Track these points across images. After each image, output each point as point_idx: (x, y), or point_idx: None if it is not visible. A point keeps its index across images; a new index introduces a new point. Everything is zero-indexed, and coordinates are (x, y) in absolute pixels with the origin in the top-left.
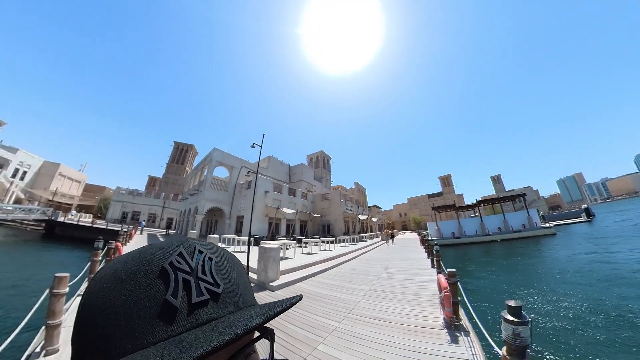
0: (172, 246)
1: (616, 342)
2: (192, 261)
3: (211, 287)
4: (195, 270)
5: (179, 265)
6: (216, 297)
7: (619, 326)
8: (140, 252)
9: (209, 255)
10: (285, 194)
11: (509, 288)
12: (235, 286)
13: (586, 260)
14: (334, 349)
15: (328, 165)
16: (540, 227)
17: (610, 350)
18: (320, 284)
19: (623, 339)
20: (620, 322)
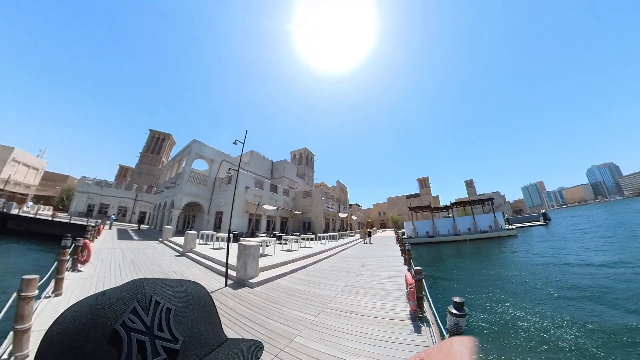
0: (125, 300)
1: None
2: (147, 317)
3: (169, 344)
4: (151, 328)
5: (133, 325)
6: (174, 355)
7: (554, 317)
8: (91, 307)
9: (167, 306)
10: (266, 190)
11: (472, 283)
12: (197, 333)
13: (537, 261)
14: (310, 341)
15: (311, 163)
16: (504, 228)
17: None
18: (298, 280)
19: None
20: (556, 315)
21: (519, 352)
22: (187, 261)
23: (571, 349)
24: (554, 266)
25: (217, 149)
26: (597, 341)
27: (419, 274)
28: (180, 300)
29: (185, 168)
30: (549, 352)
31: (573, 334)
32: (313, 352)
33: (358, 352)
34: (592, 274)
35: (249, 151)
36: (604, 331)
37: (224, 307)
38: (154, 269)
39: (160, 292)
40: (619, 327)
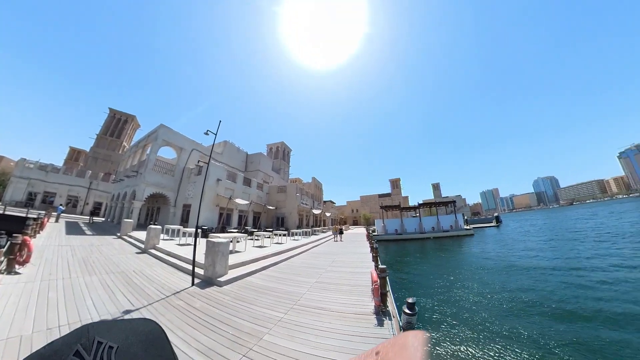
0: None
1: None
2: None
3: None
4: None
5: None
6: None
7: (499, 304)
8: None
9: (110, 344)
10: (239, 184)
11: (432, 277)
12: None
13: (488, 256)
14: (279, 338)
15: (288, 157)
16: (463, 228)
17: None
18: (269, 277)
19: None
20: (501, 302)
21: (464, 335)
22: (150, 259)
23: (506, 332)
24: (500, 261)
25: (187, 136)
26: (530, 325)
27: (383, 272)
28: (125, 339)
29: (150, 155)
30: (486, 330)
31: (510, 320)
32: (282, 349)
33: (325, 346)
34: (528, 268)
35: (222, 141)
36: (536, 315)
37: (190, 308)
38: (111, 268)
39: (104, 333)
40: (548, 314)
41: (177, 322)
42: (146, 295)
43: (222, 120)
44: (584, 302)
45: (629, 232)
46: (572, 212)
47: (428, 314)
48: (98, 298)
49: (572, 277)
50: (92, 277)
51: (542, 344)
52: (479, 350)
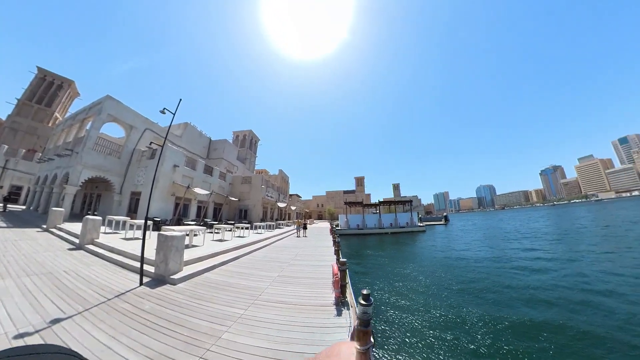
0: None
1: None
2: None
3: None
4: None
5: None
6: None
7: (439, 294)
8: None
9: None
10: (199, 171)
11: (387, 268)
12: None
13: (436, 247)
14: (239, 335)
15: (255, 147)
16: (417, 225)
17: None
18: (229, 272)
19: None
20: (441, 291)
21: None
22: (86, 256)
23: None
24: (443, 252)
25: (140, 113)
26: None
27: (343, 265)
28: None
29: (90, 131)
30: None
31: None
32: (242, 346)
33: (286, 340)
34: (466, 261)
35: (182, 123)
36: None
37: (138, 310)
38: (33, 269)
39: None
40: (476, 294)
41: (121, 327)
42: (82, 300)
43: (183, 100)
44: (501, 284)
45: (541, 232)
46: (503, 214)
47: (384, 298)
48: (15, 307)
49: (497, 266)
50: (5, 280)
51: (468, 318)
52: (422, 327)
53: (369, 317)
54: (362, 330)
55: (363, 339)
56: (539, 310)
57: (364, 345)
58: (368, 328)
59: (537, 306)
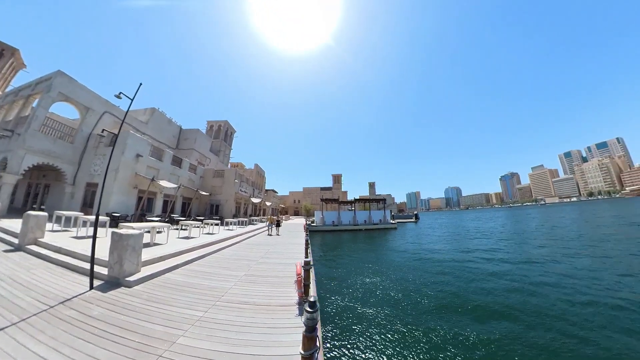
0: None
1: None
2: None
3: None
4: None
5: None
6: None
7: (403, 285)
8: None
9: None
10: (167, 163)
11: (362, 262)
12: None
13: (408, 241)
14: (195, 339)
15: (230, 139)
16: (389, 222)
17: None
18: (193, 272)
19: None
20: (405, 285)
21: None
22: (27, 259)
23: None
24: (412, 246)
25: (99, 94)
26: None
27: (308, 265)
28: None
29: (37, 110)
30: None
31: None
32: (197, 351)
33: (245, 342)
34: (433, 255)
35: (149, 108)
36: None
37: (85, 318)
38: None
39: None
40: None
41: (64, 337)
42: (17, 309)
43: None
44: (458, 275)
45: (497, 231)
46: (467, 214)
47: (352, 289)
48: None
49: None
50: None
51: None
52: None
53: (314, 323)
54: (307, 336)
55: (307, 344)
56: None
57: (308, 350)
58: (313, 334)
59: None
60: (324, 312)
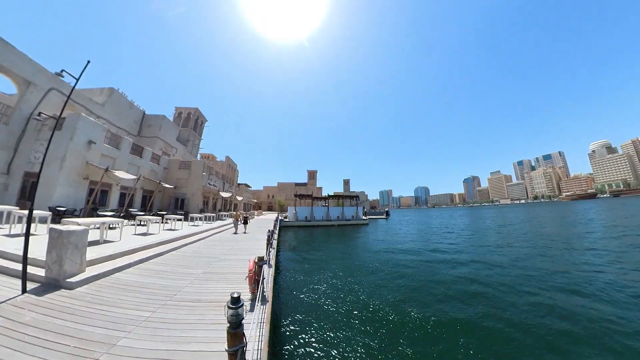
0: None
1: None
2: None
3: None
4: None
5: None
6: None
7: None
8: None
9: None
10: (125, 151)
11: (333, 256)
12: None
13: (378, 238)
14: (138, 340)
15: (201, 128)
16: (361, 218)
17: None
18: (147, 271)
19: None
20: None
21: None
22: None
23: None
24: (382, 242)
25: (43, 66)
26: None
27: (260, 261)
28: None
29: None
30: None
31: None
32: (138, 351)
33: (189, 339)
34: (400, 251)
35: (106, 88)
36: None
37: (13, 324)
38: None
39: None
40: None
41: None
42: None
43: (89, 62)
44: (422, 269)
45: (458, 227)
46: (433, 212)
47: (324, 281)
48: None
49: (424, 254)
50: None
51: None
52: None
53: (238, 319)
54: (231, 333)
55: (232, 341)
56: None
57: (232, 347)
58: (238, 330)
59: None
60: (289, 307)
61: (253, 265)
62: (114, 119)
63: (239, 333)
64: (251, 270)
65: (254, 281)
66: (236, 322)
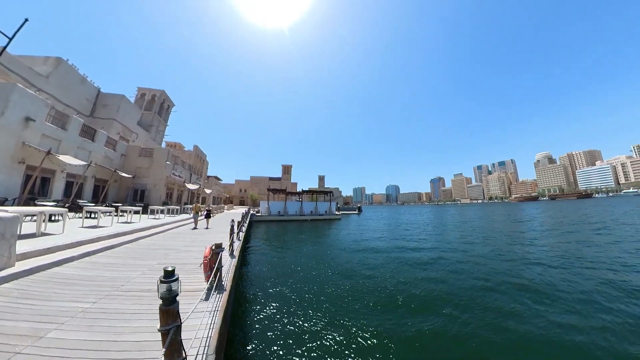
0: None
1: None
2: None
3: None
4: None
5: None
6: None
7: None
8: None
9: None
10: (73, 132)
11: (304, 250)
12: None
13: (350, 232)
14: (71, 332)
15: (167, 113)
16: (334, 213)
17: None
18: (93, 264)
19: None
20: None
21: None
22: None
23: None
24: (352, 235)
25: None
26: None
27: (218, 248)
28: None
29: None
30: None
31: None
32: (69, 342)
33: (132, 329)
34: (368, 238)
35: (53, 57)
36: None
37: None
38: None
39: None
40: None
41: None
42: None
43: (27, 19)
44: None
45: (423, 223)
46: (402, 209)
47: (293, 272)
48: None
49: (390, 246)
50: None
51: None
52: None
53: (172, 294)
54: (163, 310)
55: (164, 319)
56: (409, 273)
57: (164, 325)
58: (170, 307)
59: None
60: (254, 299)
61: (209, 252)
62: (61, 94)
63: (172, 310)
64: (206, 257)
65: (209, 269)
66: (169, 298)
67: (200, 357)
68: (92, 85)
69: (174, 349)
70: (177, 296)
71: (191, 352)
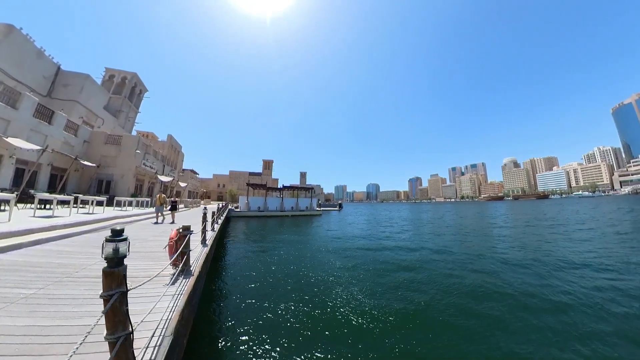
0: None
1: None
2: None
3: None
4: None
5: None
6: None
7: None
8: None
9: None
10: (25, 112)
11: (285, 243)
12: None
13: (331, 227)
14: (10, 318)
15: (138, 99)
16: (315, 209)
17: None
18: (44, 252)
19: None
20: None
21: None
22: None
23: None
24: (331, 231)
25: None
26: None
27: (186, 230)
28: None
29: None
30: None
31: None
32: (5, 329)
33: (82, 314)
34: (348, 235)
35: (3, 24)
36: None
37: None
38: None
39: None
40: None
41: None
42: None
43: None
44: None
45: (402, 219)
46: (382, 206)
47: (269, 263)
48: None
49: (367, 240)
50: None
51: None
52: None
53: (117, 254)
54: (106, 272)
55: (107, 283)
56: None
57: (107, 290)
58: (115, 270)
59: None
60: (227, 287)
61: (176, 234)
62: (11, 68)
63: (117, 273)
64: (172, 239)
65: (174, 251)
66: (114, 259)
67: (156, 339)
68: (51, 60)
69: (117, 320)
70: (125, 258)
71: (146, 334)
